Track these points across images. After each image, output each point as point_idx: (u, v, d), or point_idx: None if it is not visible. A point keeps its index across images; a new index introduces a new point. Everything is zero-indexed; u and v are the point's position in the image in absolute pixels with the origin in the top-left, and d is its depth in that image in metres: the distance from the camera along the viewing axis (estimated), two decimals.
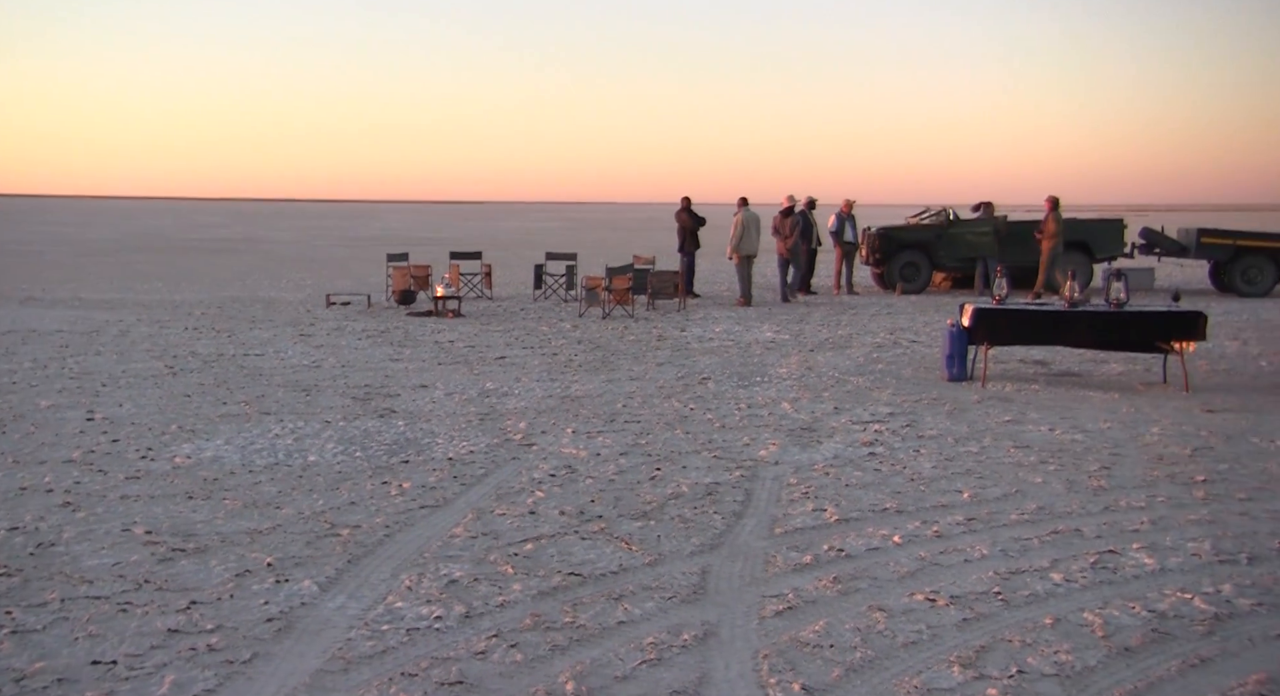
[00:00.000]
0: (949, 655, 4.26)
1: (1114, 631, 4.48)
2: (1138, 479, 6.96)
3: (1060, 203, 19.04)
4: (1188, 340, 10.25)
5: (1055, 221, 18.68)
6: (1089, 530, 5.88)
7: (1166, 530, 5.87)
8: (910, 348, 13.38)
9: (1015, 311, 10.70)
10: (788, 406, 9.46)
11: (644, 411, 9.22)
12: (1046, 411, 9.23)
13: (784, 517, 6.13)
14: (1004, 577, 5.14)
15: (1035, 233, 19.16)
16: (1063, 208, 19.41)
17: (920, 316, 16.98)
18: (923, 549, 5.57)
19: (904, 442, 8.03)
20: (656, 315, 16.99)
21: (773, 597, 4.89)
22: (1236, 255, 20.61)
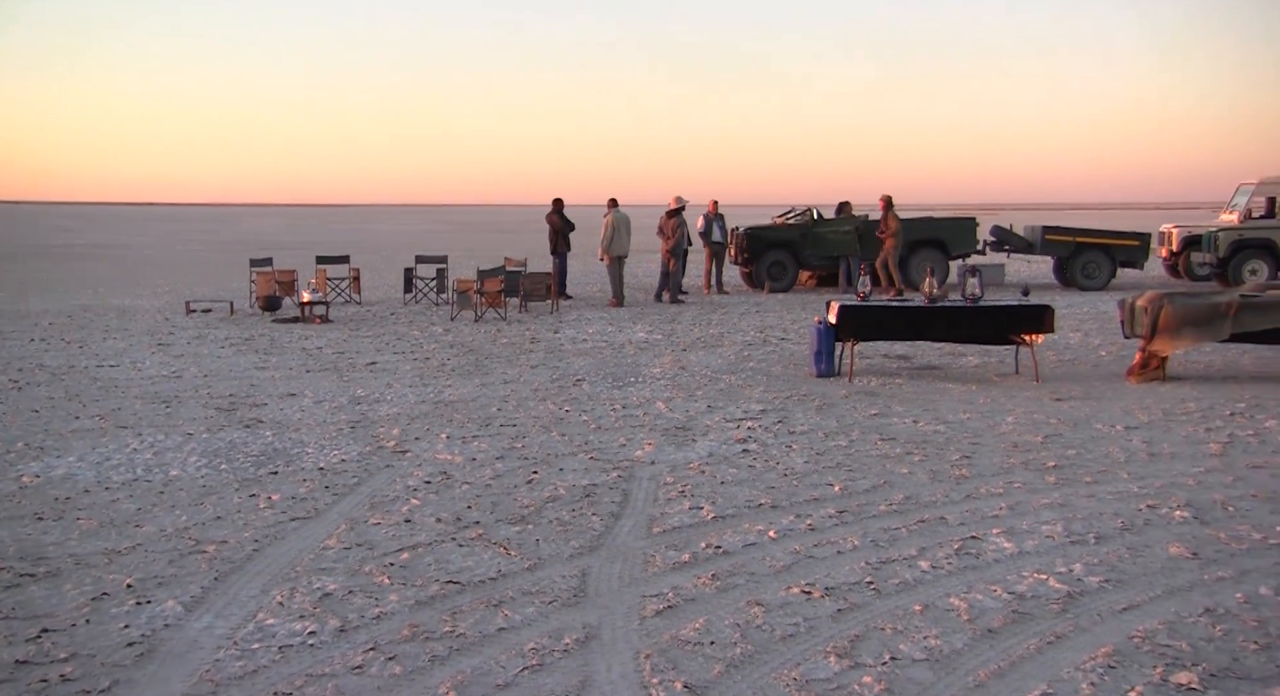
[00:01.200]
0: (825, 646, 4.38)
1: (978, 614, 4.67)
2: (995, 467, 7.24)
3: (893, 202, 19.63)
4: (1037, 332, 10.71)
5: (894, 219, 19.26)
6: (953, 518, 6.10)
7: (1023, 515, 6.13)
8: (779, 345, 13.64)
9: (878, 308, 11.02)
10: (662, 406, 9.56)
11: (519, 414, 9.20)
12: (910, 404, 9.52)
13: (662, 517, 6.20)
14: (875, 567, 5.30)
15: (877, 233, 19.74)
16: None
17: (788, 314, 17.31)
18: (797, 542, 5.70)
19: (776, 439, 8.19)
20: (529, 317, 16.95)
21: (653, 597, 4.95)
22: (1077, 251, 21.58)
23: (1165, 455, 7.50)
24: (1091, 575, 5.13)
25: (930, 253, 20.96)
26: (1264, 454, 7.48)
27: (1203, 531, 5.78)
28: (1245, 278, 19.48)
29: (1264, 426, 8.34)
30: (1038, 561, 5.35)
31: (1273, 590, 4.89)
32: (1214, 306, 10.34)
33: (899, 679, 4.07)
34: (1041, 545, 5.60)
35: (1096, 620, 4.60)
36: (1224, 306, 10.31)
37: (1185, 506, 6.23)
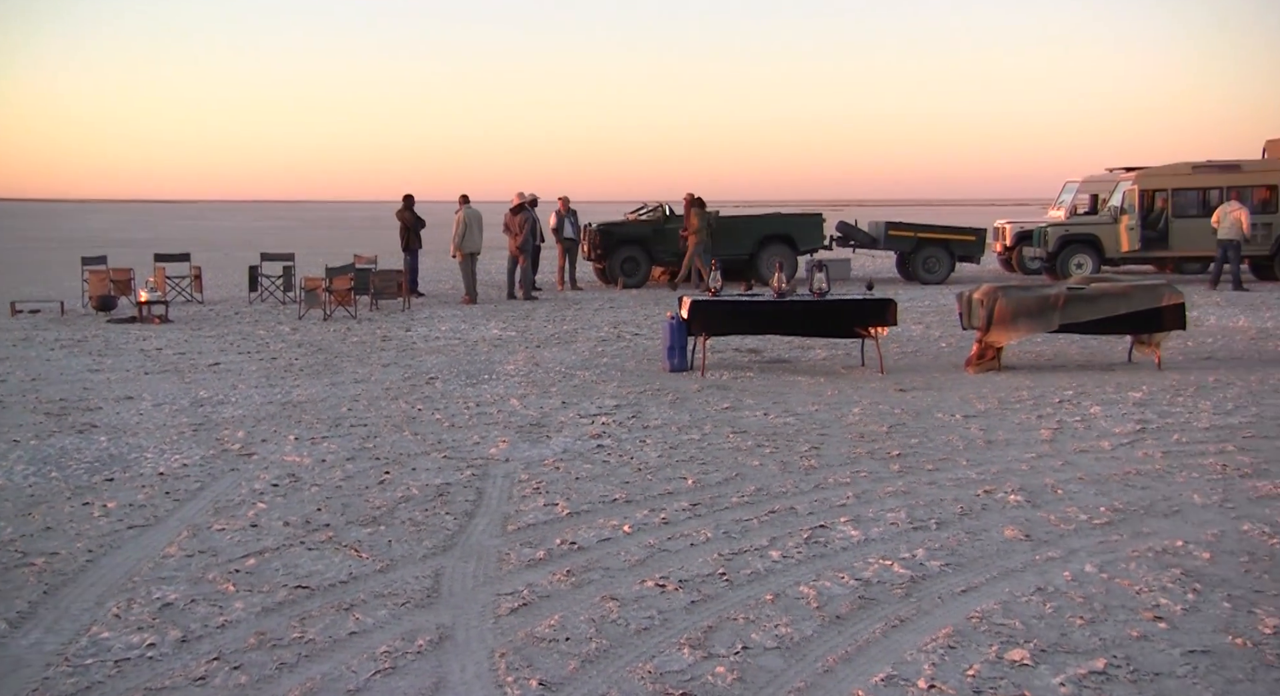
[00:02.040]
0: (679, 638, 4.43)
1: (826, 601, 4.80)
2: (843, 457, 7.44)
3: (702, 200, 20.04)
4: (881, 325, 11.04)
5: (696, 218, 19.64)
6: (802, 508, 6.24)
7: (869, 503, 6.32)
8: (633, 341, 13.73)
9: (730, 303, 11.19)
10: (516, 403, 9.52)
11: (370, 414, 9.05)
12: (761, 397, 9.70)
13: (516, 514, 6.18)
14: (727, 559, 5.39)
15: (680, 231, 20.11)
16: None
17: (641, 310, 17.44)
18: (651, 536, 5.76)
19: (630, 434, 8.25)
20: (380, 316, 16.67)
21: (508, 595, 4.93)
22: (918, 247, 22.34)
23: (1001, 442, 7.82)
24: (933, 559, 5.32)
25: (779, 248, 21.41)
26: (1089, 439, 7.87)
27: (1035, 514, 6.05)
28: (1072, 271, 20.44)
29: (1089, 412, 8.78)
30: (883, 548, 5.52)
31: (1097, 568, 5.16)
32: (1044, 299, 10.82)
33: (751, 667, 4.15)
34: (886, 532, 5.78)
35: (937, 603, 4.77)
36: (1053, 299, 10.80)
37: (1019, 491, 6.51)
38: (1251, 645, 4.25)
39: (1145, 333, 11.01)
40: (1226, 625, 4.46)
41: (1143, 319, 10.84)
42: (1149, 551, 5.39)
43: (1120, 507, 6.14)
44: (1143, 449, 7.53)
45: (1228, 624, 4.47)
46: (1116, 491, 6.48)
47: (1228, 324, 14.59)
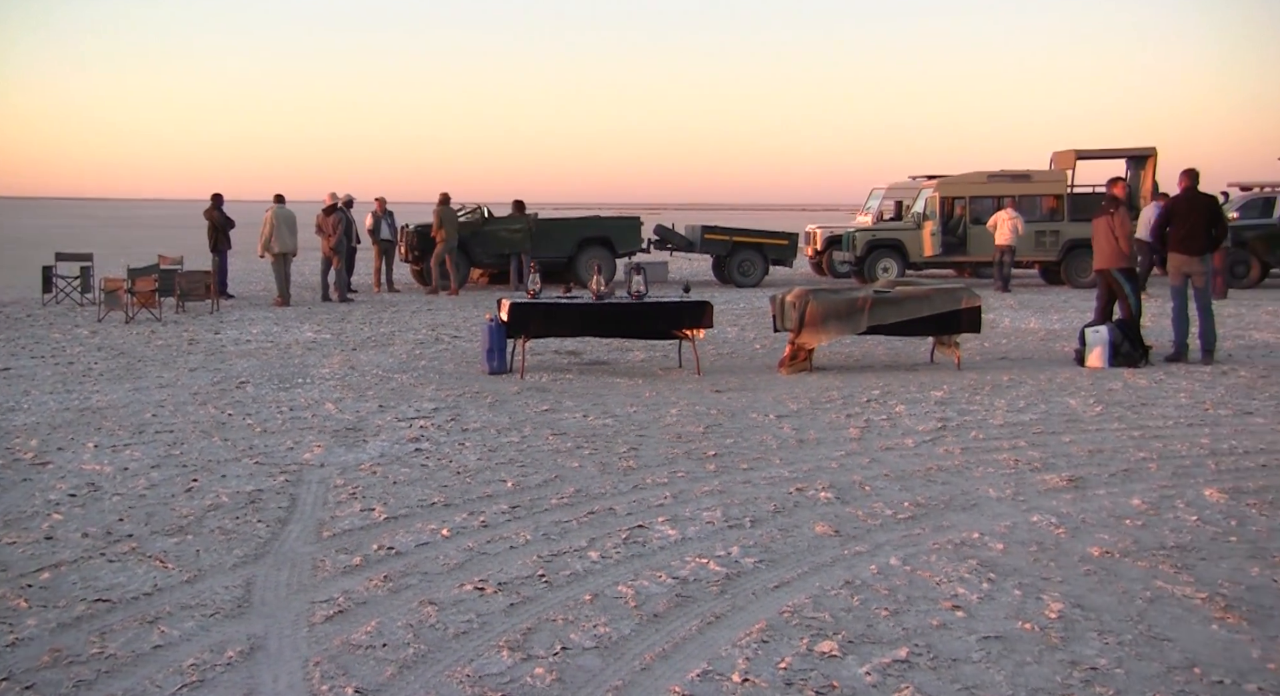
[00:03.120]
0: (498, 640, 4.43)
1: (644, 600, 4.87)
2: (660, 457, 7.56)
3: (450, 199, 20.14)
4: (698, 327, 11.26)
5: (443, 220, 19.71)
6: (621, 508, 6.31)
7: (686, 502, 6.44)
8: (452, 343, 13.60)
9: (549, 305, 11.21)
10: (331, 407, 9.31)
11: (176, 420, 8.69)
12: (580, 399, 9.76)
13: (331, 520, 6.05)
14: (547, 560, 5.41)
15: (431, 232, 20.19)
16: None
17: (460, 312, 17.30)
18: (470, 539, 5.73)
19: (449, 437, 8.18)
20: (187, 318, 16.04)
21: (322, 603, 4.83)
22: (734, 250, 22.88)
23: (812, 441, 8.08)
24: (747, 556, 5.47)
25: (597, 251, 21.59)
26: (895, 436, 8.21)
27: (844, 510, 6.28)
28: (879, 275, 21.27)
29: (895, 411, 9.16)
30: (699, 546, 5.64)
31: (901, 561, 5.39)
32: (852, 301, 11.24)
33: (570, 668, 4.18)
34: (703, 530, 5.90)
35: (752, 598, 4.91)
36: (860, 301, 11.23)
37: (829, 488, 6.74)
38: (1039, 629, 4.53)
39: (946, 334, 11.56)
40: (1017, 611, 4.73)
41: (944, 321, 11.38)
42: (948, 544, 5.67)
43: (922, 502, 6.43)
44: (943, 445, 7.90)
45: (1018, 610, 4.74)
46: (919, 487, 6.79)
47: (1020, 326, 15.44)
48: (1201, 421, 8.68)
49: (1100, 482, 6.86)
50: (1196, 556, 5.45)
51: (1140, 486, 6.76)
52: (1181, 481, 6.88)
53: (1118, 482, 6.86)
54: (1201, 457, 7.48)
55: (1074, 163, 22.42)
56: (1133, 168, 22.29)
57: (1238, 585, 5.04)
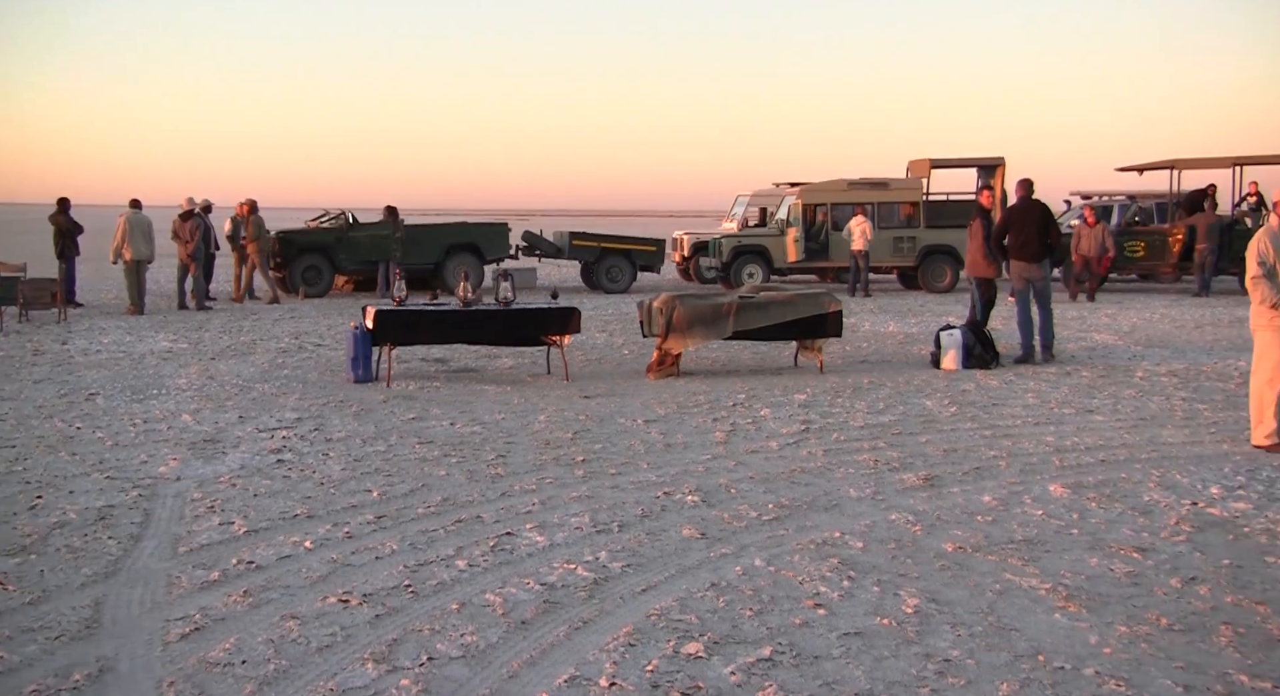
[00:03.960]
0: (362, 653, 4.36)
1: (512, 607, 4.86)
2: (529, 464, 7.55)
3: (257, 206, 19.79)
4: (566, 333, 11.28)
5: (251, 227, 19.39)
6: (489, 516, 6.29)
7: (554, 509, 6.45)
8: (315, 351, 13.34)
9: (415, 312, 11.09)
10: (188, 418, 9.04)
11: (19, 434, 8.33)
12: (448, 407, 9.68)
13: (188, 535, 5.88)
14: (413, 570, 5.35)
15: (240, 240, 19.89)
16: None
17: (324, 320, 16.97)
18: (334, 551, 5.63)
19: (312, 447, 8.02)
20: (32, 328, 15.37)
21: (178, 620, 4.69)
22: (602, 256, 22.96)
23: (679, 445, 8.17)
24: (615, 561, 5.50)
25: (465, 257, 21.44)
26: (759, 439, 8.36)
27: (710, 513, 6.37)
28: (744, 280, 21.61)
29: (760, 415, 9.33)
30: (567, 552, 5.65)
31: (765, 561, 5.50)
32: (718, 307, 11.40)
33: (436, 678, 4.15)
34: (571, 536, 5.92)
35: (619, 603, 4.94)
36: (726, 307, 11.40)
37: (695, 491, 6.83)
38: (896, 624, 4.67)
39: (809, 338, 11.81)
40: (876, 607, 4.87)
41: (807, 325, 11.63)
42: (811, 543, 5.80)
43: (786, 504, 6.57)
44: (806, 448, 8.07)
45: (877, 606, 4.89)
46: (783, 488, 6.93)
47: (880, 330, 15.87)
48: (1047, 420, 9.06)
49: (954, 480, 7.10)
50: (1042, 549, 5.69)
51: (991, 483, 7.03)
52: (1029, 478, 7.17)
53: (970, 480, 7.11)
54: (1047, 455, 7.81)
55: (929, 171, 23.15)
56: (983, 176, 23.12)
57: (1079, 575, 5.28)
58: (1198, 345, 13.88)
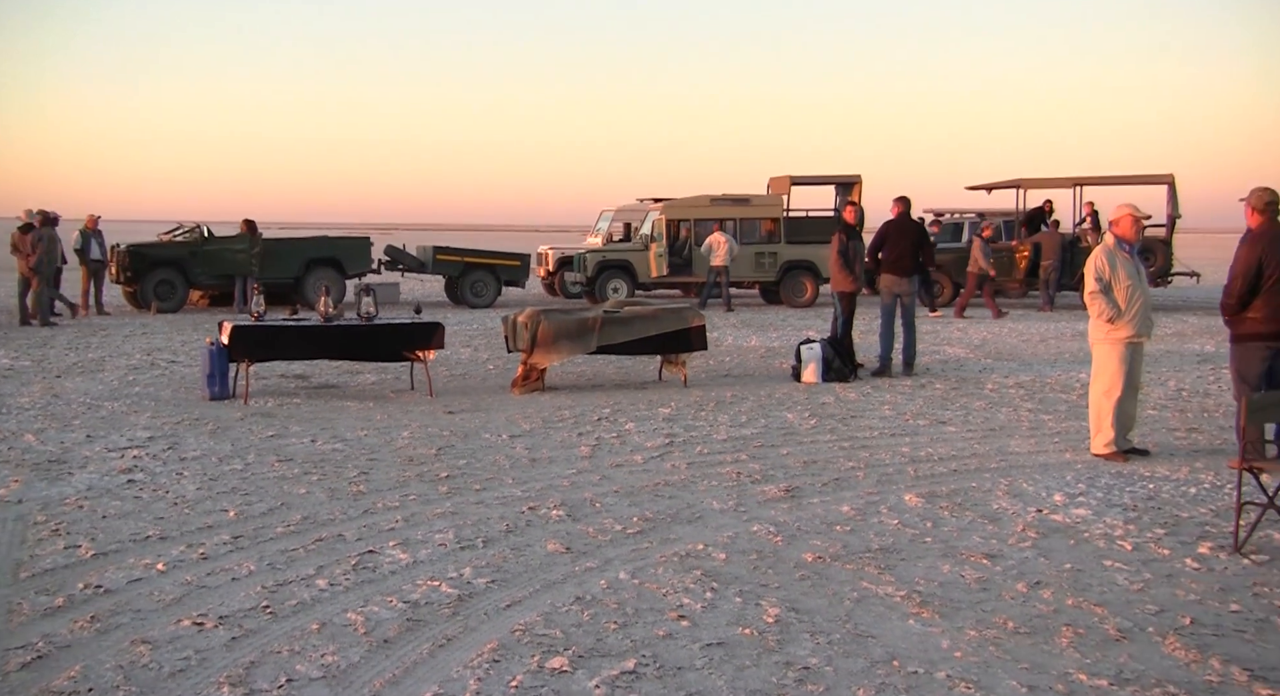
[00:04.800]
0: (218, 676, 4.25)
1: (374, 626, 4.80)
2: (392, 481, 7.46)
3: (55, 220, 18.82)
4: (430, 349, 11.17)
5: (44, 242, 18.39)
6: (350, 534, 6.19)
7: (418, 526, 6.39)
8: (169, 368, 12.92)
9: (274, 327, 10.84)
10: (31, 438, 8.66)
11: None
12: (308, 424, 9.48)
13: (30, 560, 5.63)
14: (272, 590, 5.23)
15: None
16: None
17: (178, 336, 16.45)
18: (188, 573, 5.47)
19: (165, 466, 7.77)
20: None
21: (18, 649, 4.49)
22: (466, 271, 22.80)
23: (544, 460, 8.17)
24: (480, 577, 5.48)
25: (326, 272, 21.05)
26: (624, 453, 8.42)
27: (575, 527, 6.39)
28: (609, 295, 21.72)
29: (625, 429, 9.39)
30: (431, 569, 5.60)
31: (630, 574, 5.54)
32: (583, 321, 11.44)
33: None
34: (435, 553, 5.87)
35: (484, 619, 4.92)
36: (591, 321, 11.45)
37: (560, 506, 6.84)
38: (757, 634, 4.76)
39: (673, 352, 11.94)
40: (738, 618, 4.96)
41: (671, 340, 11.76)
42: (674, 556, 5.87)
43: (650, 517, 6.63)
44: (670, 461, 8.16)
45: (739, 616, 4.97)
46: (647, 502, 6.99)
47: (742, 344, 16.14)
48: (903, 431, 9.35)
49: (814, 491, 7.27)
50: (897, 557, 5.87)
51: (849, 494, 7.22)
52: (885, 488, 7.39)
53: (829, 491, 7.30)
54: (902, 465, 8.06)
55: (789, 188, 23.66)
56: (841, 193, 23.75)
57: (932, 582, 5.47)
58: (1043, 358, 14.50)
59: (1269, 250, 7.44)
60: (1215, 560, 5.83)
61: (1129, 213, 8.28)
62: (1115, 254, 8.20)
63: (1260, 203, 7.56)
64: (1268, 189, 7.60)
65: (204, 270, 20.43)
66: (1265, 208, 7.55)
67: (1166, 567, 5.71)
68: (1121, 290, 8.12)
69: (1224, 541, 6.10)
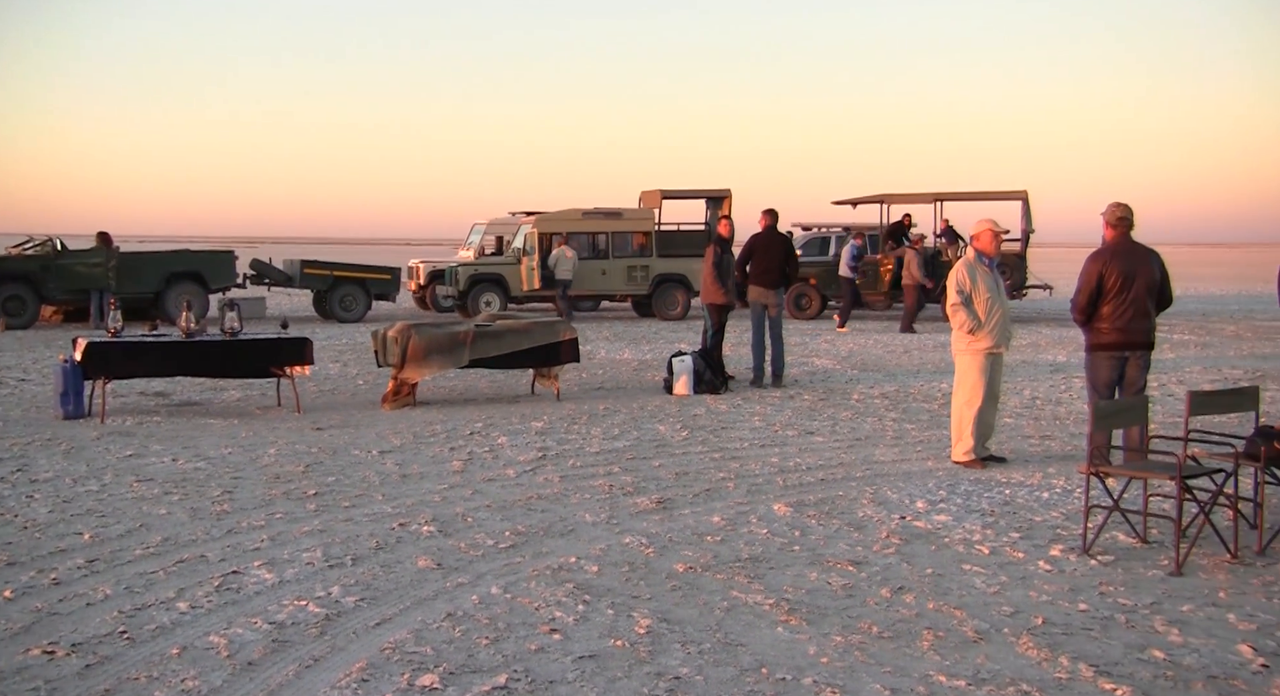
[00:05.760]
0: None
1: (238, 649, 4.68)
2: (258, 499, 7.28)
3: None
4: (297, 364, 10.95)
5: None
6: (213, 555, 6.02)
7: (284, 545, 6.25)
8: (19, 387, 12.39)
9: (131, 343, 10.49)
10: None
11: None
12: (169, 442, 9.19)
13: None
14: (129, 615, 5.06)
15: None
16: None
17: (29, 353, 15.78)
18: (39, 599, 5.25)
19: (15, 489, 7.45)
20: None
21: None
22: (335, 285, 22.40)
23: (415, 475, 8.08)
24: (348, 595, 5.39)
25: (188, 286, 20.45)
26: (496, 468, 8.38)
27: (446, 543, 6.34)
28: (481, 308, 21.59)
29: (497, 443, 9.35)
30: (298, 588, 5.49)
31: (502, 589, 5.52)
32: (454, 335, 11.35)
33: None
34: (302, 572, 5.75)
35: (352, 638, 4.85)
36: (463, 335, 11.37)
37: (432, 521, 6.77)
38: (629, 645, 4.79)
39: (546, 366, 11.93)
40: (610, 630, 4.98)
41: (543, 353, 11.75)
42: (547, 569, 5.87)
43: (523, 530, 6.61)
44: (543, 474, 8.16)
45: (611, 628, 5.00)
46: (520, 516, 6.97)
47: (615, 357, 16.21)
48: (772, 442, 9.52)
49: (685, 503, 7.35)
50: (766, 566, 5.98)
51: (720, 504, 7.32)
52: (755, 498, 7.51)
53: (700, 502, 7.38)
54: (772, 475, 8.21)
55: (660, 201, 23.87)
56: (711, 207, 24.06)
57: (800, 590, 5.58)
58: (906, 369, 14.91)
59: (1112, 264, 7.83)
60: (1066, 561, 6.09)
61: (989, 227, 8.60)
62: (975, 267, 8.51)
63: (1113, 217, 7.95)
64: (1121, 204, 7.99)
65: (57, 285, 19.66)
66: (1118, 222, 7.94)
67: (1021, 570, 5.94)
68: (981, 302, 8.42)
69: (1074, 543, 6.37)
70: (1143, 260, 7.87)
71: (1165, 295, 8.04)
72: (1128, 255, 7.87)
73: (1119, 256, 7.86)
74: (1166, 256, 8.45)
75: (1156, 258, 7.94)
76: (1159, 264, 7.93)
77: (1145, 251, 7.94)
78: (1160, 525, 6.58)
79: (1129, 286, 7.79)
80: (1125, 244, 7.92)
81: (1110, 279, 7.81)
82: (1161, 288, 7.96)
